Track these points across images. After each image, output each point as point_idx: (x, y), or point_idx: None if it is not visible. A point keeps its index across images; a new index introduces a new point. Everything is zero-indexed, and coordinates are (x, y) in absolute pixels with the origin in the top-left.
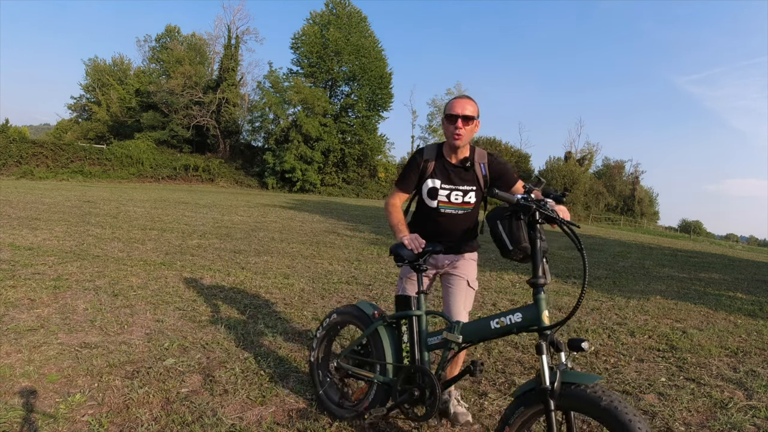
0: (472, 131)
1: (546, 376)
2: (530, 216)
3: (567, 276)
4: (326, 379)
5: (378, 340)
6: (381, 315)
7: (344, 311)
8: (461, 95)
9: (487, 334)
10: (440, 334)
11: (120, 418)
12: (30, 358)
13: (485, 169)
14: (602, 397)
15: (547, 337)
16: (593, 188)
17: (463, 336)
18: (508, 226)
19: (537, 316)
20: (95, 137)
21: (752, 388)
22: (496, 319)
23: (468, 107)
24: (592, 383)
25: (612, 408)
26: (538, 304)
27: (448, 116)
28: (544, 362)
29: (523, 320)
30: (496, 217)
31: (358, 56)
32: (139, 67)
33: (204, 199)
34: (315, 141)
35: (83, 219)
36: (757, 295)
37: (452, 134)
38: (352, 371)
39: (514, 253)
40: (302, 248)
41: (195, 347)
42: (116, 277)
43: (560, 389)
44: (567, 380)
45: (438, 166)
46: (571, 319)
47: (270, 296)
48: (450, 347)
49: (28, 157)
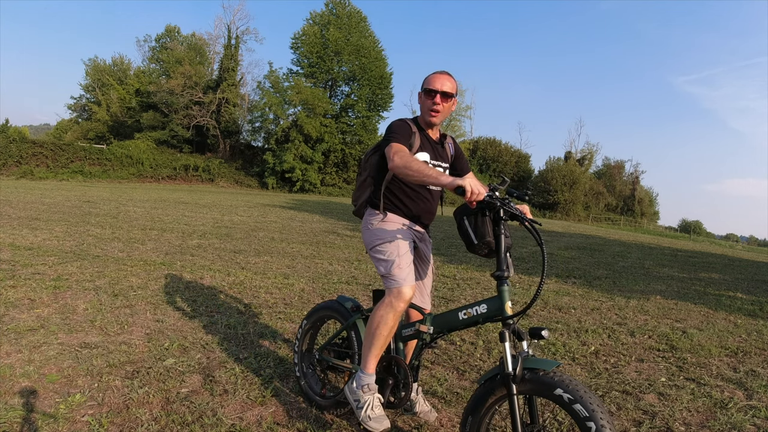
0: (450, 108)
1: (508, 362)
2: (495, 213)
3: (567, 276)
4: (309, 371)
5: (356, 333)
6: (358, 308)
7: (325, 306)
8: (441, 71)
9: (456, 325)
10: (413, 325)
11: (120, 418)
12: (30, 358)
13: (452, 149)
14: (560, 381)
15: (509, 326)
16: (593, 188)
17: (433, 327)
18: (473, 221)
19: (500, 306)
20: (95, 137)
21: (752, 388)
22: (464, 311)
23: (447, 83)
24: (551, 369)
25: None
26: (502, 295)
27: (427, 91)
28: (507, 349)
29: (488, 311)
30: (462, 213)
31: (358, 56)
32: (139, 67)
33: (204, 199)
34: (316, 141)
35: (83, 219)
36: (757, 295)
37: (429, 109)
38: (332, 362)
39: (479, 247)
40: (302, 248)
41: (195, 347)
42: (116, 277)
43: (521, 375)
44: (528, 366)
45: (423, 140)
46: (530, 309)
47: (270, 296)
48: (422, 338)
49: (28, 157)
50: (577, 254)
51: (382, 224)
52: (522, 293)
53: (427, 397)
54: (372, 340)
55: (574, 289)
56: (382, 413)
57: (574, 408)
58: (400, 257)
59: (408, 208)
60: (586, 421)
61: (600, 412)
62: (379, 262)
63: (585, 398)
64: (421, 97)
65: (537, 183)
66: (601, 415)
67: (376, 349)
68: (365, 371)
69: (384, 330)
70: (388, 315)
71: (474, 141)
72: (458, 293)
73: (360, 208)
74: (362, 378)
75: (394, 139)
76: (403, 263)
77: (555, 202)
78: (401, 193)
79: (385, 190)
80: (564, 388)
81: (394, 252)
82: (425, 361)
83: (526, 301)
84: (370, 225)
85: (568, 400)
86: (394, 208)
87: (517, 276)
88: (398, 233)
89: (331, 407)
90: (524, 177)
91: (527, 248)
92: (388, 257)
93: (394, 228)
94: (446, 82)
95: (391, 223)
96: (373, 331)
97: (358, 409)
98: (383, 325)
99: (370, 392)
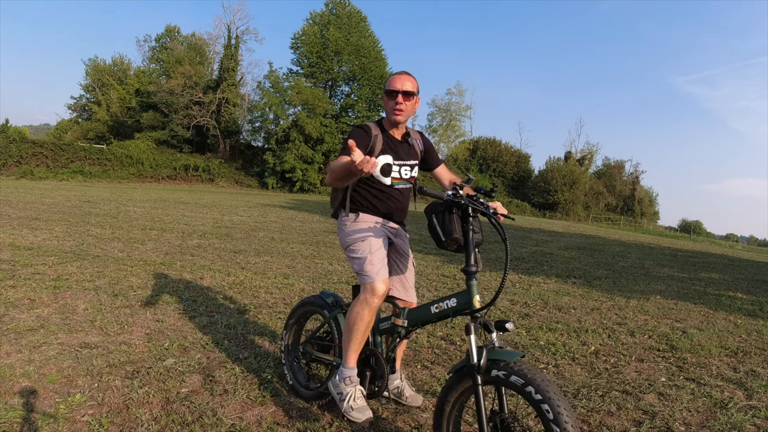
0: (413, 107)
1: (474, 354)
2: (463, 210)
3: (567, 276)
4: (294, 364)
5: (338, 327)
6: (338, 303)
7: (309, 301)
8: (400, 71)
9: (429, 318)
10: (390, 319)
11: (120, 418)
12: (30, 358)
13: (421, 144)
14: (521, 372)
15: (477, 319)
16: (593, 188)
17: (408, 321)
18: (441, 219)
19: (469, 300)
20: (95, 137)
21: (752, 388)
22: (436, 305)
23: (407, 83)
24: (514, 360)
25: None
26: (471, 289)
27: (388, 92)
28: (472, 341)
29: (457, 304)
30: (431, 211)
31: (358, 56)
32: (139, 67)
33: (204, 199)
34: (316, 142)
35: (83, 219)
36: (757, 295)
37: (393, 109)
38: (315, 355)
39: (448, 243)
40: (302, 248)
41: (195, 347)
42: (116, 277)
43: (486, 366)
44: (492, 357)
45: (386, 142)
46: (495, 302)
47: (270, 296)
48: (398, 331)
49: (28, 157)
50: (577, 254)
51: (354, 224)
52: (522, 293)
53: (427, 397)
54: (350, 335)
55: (574, 289)
56: (364, 404)
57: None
58: (372, 254)
59: (377, 208)
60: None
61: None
62: (353, 261)
63: (541, 385)
64: (384, 99)
65: (537, 183)
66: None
67: (355, 344)
68: (346, 365)
69: (360, 326)
70: (363, 311)
71: (474, 141)
72: None
73: (336, 211)
74: (343, 371)
75: (340, 153)
76: (375, 259)
77: (555, 202)
78: (368, 194)
79: (353, 192)
80: (520, 375)
81: (366, 249)
82: (425, 361)
83: (527, 301)
84: (344, 226)
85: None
86: (364, 208)
87: (516, 276)
88: (370, 231)
89: (315, 398)
90: (524, 177)
91: (527, 248)
92: (360, 255)
93: (366, 227)
94: (406, 82)
95: (363, 223)
96: (351, 327)
97: (341, 402)
98: (359, 321)
99: (351, 384)
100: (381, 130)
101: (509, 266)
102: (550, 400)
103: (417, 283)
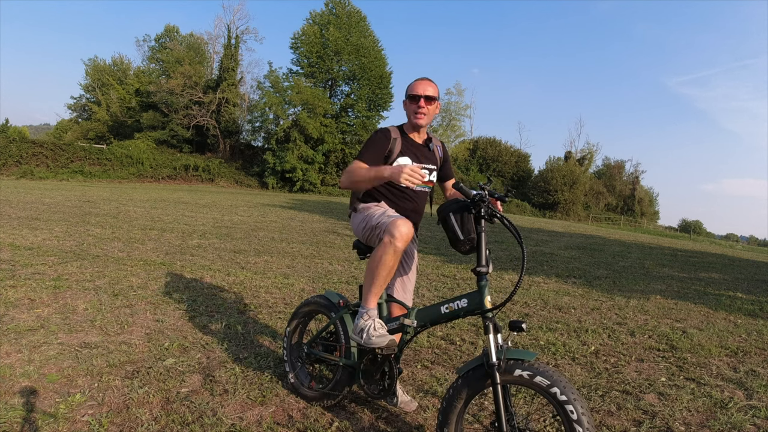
0: (434, 111)
1: (493, 352)
2: (478, 211)
3: (567, 276)
4: (297, 364)
5: (343, 327)
6: (345, 304)
7: (313, 301)
8: (422, 77)
9: (438, 318)
10: (398, 319)
11: (120, 418)
12: (30, 358)
13: (441, 151)
14: (538, 371)
15: (490, 319)
16: (593, 188)
17: (417, 320)
18: (459, 218)
19: (480, 301)
20: (95, 137)
21: (752, 387)
22: (446, 305)
23: (429, 88)
24: (530, 359)
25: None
26: (482, 290)
27: (411, 96)
28: (491, 341)
29: (468, 305)
30: (448, 209)
31: (358, 56)
32: (139, 67)
33: (204, 199)
34: (317, 142)
35: (83, 219)
36: (757, 295)
37: (415, 113)
38: (320, 356)
39: (463, 243)
40: (302, 248)
41: (195, 347)
42: (116, 277)
43: (505, 365)
44: (510, 357)
45: (405, 144)
46: (508, 303)
47: (270, 296)
48: (406, 331)
49: (28, 157)
50: (577, 254)
51: (370, 208)
52: (522, 293)
53: (427, 397)
54: (372, 280)
55: (574, 289)
56: (384, 332)
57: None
58: (388, 210)
59: (394, 205)
60: (566, 405)
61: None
62: (371, 229)
63: (566, 387)
64: (406, 103)
65: (537, 183)
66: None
67: (376, 287)
68: (365, 306)
69: (383, 271)
70: (386, 255)
71: (474, 141)
72: (458, 293)
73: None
74: (362, 311)
75: (358, 156)
76: (392, 213)
77: (555, 201)
78: (386, 192)
79: (371, 190)
80: (545, 376)
81: (381, 211)
82: (425, 361)
83: (527, 300)
84: (358, 213)
85: (546, 386)
86: None
87: (516, 276)
88: (387, 210)
89: (317, 399)
90: (524, 177)
91: (527, 248)
92: (375, 214)
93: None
94: (428, 87)
95: (380, 207)
96: (372, 272)
97: (360, 335)
98: (381, 266)
99: (370, 319)
100: (401, 134)
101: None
102: (575, 402)
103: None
